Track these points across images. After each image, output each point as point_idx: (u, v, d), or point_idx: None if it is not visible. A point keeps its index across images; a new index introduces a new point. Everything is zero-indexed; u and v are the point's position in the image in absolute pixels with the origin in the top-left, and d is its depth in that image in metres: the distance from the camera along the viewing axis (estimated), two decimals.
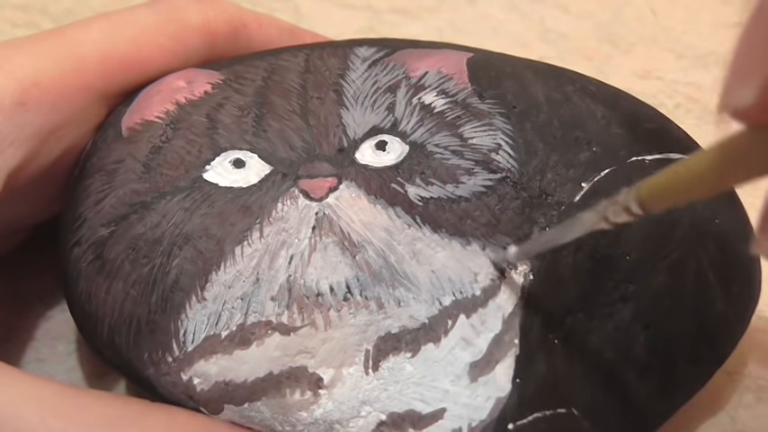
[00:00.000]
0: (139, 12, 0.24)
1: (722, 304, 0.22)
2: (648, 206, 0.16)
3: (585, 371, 0.21)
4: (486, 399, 0.21)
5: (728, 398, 0.25)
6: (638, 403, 0.21)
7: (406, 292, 0.21)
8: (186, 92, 0.23)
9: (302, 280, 0.20)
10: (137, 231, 0.21)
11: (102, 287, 0.21)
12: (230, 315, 0.20)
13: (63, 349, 0.26)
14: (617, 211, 0.17)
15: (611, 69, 0.32)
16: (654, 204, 0.16)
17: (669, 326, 0.21)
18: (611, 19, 0.34)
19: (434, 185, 0.21)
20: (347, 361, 0.21)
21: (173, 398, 0.21)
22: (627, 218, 0.17)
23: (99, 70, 0.23)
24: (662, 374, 0.21)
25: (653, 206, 0.16)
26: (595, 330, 0.21)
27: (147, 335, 0.20)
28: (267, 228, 0.21)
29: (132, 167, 0.22)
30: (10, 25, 0.34)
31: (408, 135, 0.22)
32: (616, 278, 0.21)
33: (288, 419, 0.20)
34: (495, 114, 0.23)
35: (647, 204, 0.16)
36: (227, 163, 0.22)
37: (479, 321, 0.21)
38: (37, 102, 0.22)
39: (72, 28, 0.23)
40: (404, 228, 0.21)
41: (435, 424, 0.20)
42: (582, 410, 0.21)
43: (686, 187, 0.15)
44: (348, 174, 0.21)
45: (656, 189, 0.16)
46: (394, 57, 0.24)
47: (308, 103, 0.23)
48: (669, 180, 0.15)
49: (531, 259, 0.21)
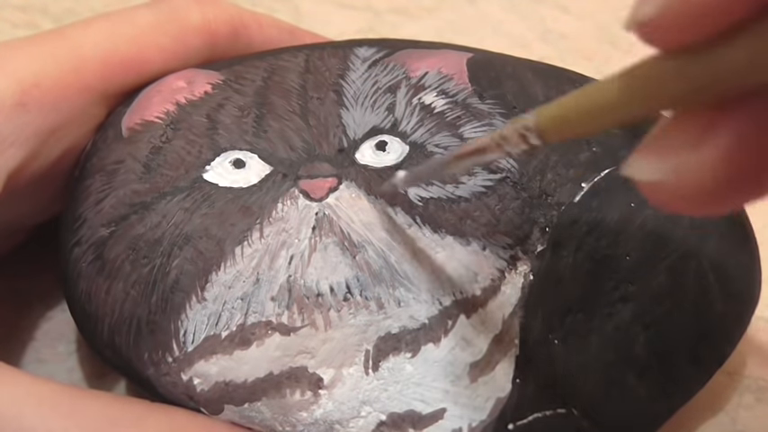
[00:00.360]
0: (140, 12, 0.24)
1: (722, 304, 0.22)
2: (547, 135, 0.15)
3: (585, 371, 0.21)
4: (486, 399, 0.21)
5: (728, 398, 0.25)
6: (638, 403, 0.21)
7: (406, 293, 0.21)
8: (186, 92, 0.23)
9: (302, 280, 0.20)
10: (137, 232, 0.21)
11: (102, 287, 0.21)
12: (230, 315, 0.20)
13: (63, 349, 0.26)
14: (513, 139, 0.15)
15: (611, 69, 0.32)
16: (553, 134, 0.14)
17: (669, 326, 0.21)
18: (611, 19, 0.34)
19: (434, 186, 0.21)
20: (347, 361, 0.21)
21: (173, 398, 0.21)
22: (523, 147, 0.15)
23: (99, 71, 0.23)
24: (662, 374, 0.21)
25: (552, 135, 0.15)
26: (595, 330, 0.21)
27: (147, 335, 0.20)
28: (267, 228, 0.21)
29: (132, 168, 0.22)
30: (10, 25, 0.34)
31: (408, 135, 0.22)
32: (616, 278, 0.21)
33: (288, 420, 0.20)
34: (495, 115, 0.23)
35: (545, 134, 0.15)
36: (228, 163, 0.22)
37: (479, 321, 0.21)
38: (37, 102, 0.22)
39: (72, 28, 0.23)
40: (404, 228, 0.21)
41: (435, 424, 0.20)
42: (582, 410, 0.21)
43: (590, 116, 0.14)
44: (348, 174, 0.21)
45: (558, 116, 0.14)
46: (394, 57, 0.24)
47: (308, 104, 0.23)
48: (572, 107, 0.14)
49: (532, 259, 0.21)
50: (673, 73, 0.12)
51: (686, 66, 0.12)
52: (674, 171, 0.12)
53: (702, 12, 0.11)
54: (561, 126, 0.14)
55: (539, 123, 0.15)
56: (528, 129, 0.15)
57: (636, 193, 0.22)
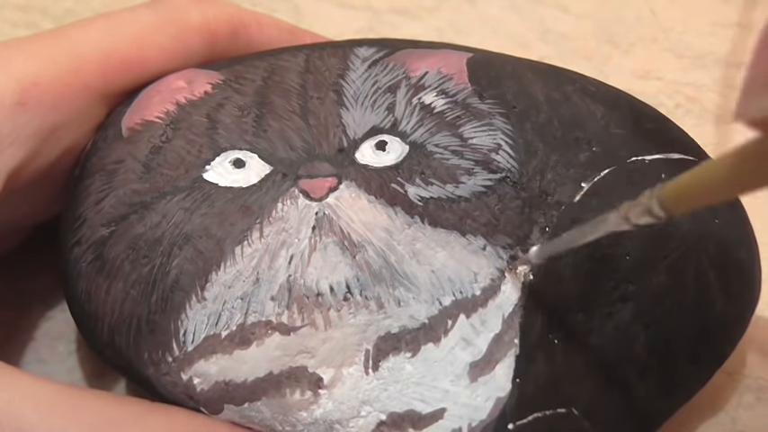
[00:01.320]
0: (139, 12, 0.24)
1: (722, 304, 0.22)
2: (670, 208, 0.16)
3: (585, 371, 0.21)
4: (486, 399, 0.21)
5: (728, 398, 0.25)
6: (638, 403, 0.21)
7: (405, 292, 0.21)
8: (186, 92, 0.23)
9: (302, 280, 0.20)
10: (137, 231, 0.21)
11: (102, 287, 0.21)
12: (230, 315, 0.20)
13: (63, 349, 0.26)
14: (639, 212, 0.17)
15: (611, 69, 0.32)
16: (676, 207, 0.16)
17: (669, 326, 0.21)
18: (611, 19, 0.34)
19: (434, 185, 0.21)
20: (347, 361, 0.21)
21: (173, 398, 0.21)
22: (649, 220, 0.17)
23: (99, 70, 0.23)
24: (662, 374, 0.21)
25: (675, 209, 0.16)
26: (595, 330, 0.21)
27: (147, 335, 0.20)
28: (267, 228, 0.21)
29: (132, 167, 0.22)
30: (10, 25, 0.34)
31: (408, 135, 0.22)
32: (616, 278, 0.21)
33: (288, 419, 0.20)
34: (494, 114, 0.23)
35: (669, 207, 0.16)
36: (228, 163, 0.22)
37: (479, 321, 0.21)
38: (37, 102, 0.22)
39: (72, 28, 0.23)
40: (404, 228, 0.21)
41: (435, 424, 0.20)
42: (582, 410, 0.21)
43: (708, 191, 0.15)
44: (348, 174, 0.21)
45: (679, 192, 0.16)
46: (394, 57, 0.24)
47: (307, 103, 0.23)
48: (692, 183, 0.15)
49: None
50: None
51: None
52: None
53: None
54: (683, 200, 0.16)
55: (663, 199, 0.16)
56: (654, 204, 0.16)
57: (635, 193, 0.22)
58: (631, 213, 0.17)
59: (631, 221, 0.17)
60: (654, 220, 0.17)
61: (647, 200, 0.17)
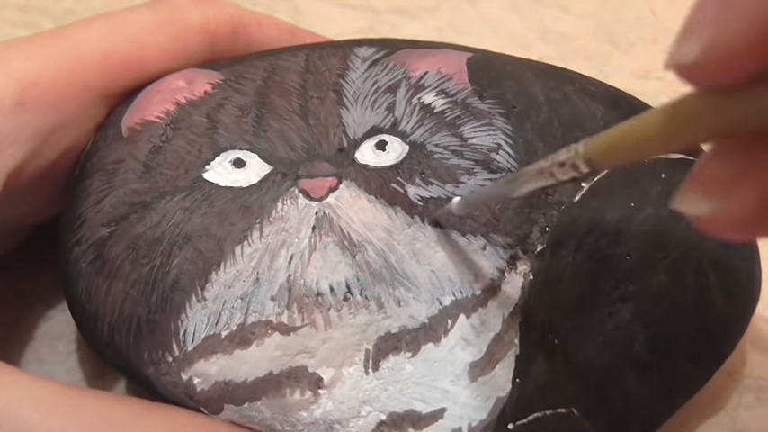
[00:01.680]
0: (139, 12, 0.24)
1: (722, 304, 0.22)
2: (596, 163, 0.16)
3: (586, 371, 0.21)
4: (486, 398, 0.21)
5: (728, 398, 0.25)
6: (638, 403, 0.21)
7: (405, 292, 0.21)
8: (186, 92, 0.23)
9: (302, 280, 0.20)
10: (137, 231, 0.21)
11: (102, 287, 0.21)
12: (230, 315, 0.20)
13: (63, 349, 0.26)
14: (563, 166, 0.16)
15: (611, 69, 0.32)
16: (602, 162, 0.15)
17: (669, 326, 0.21)
18: (611, 19, 0.34)
19: (434, 185, 0.21)
20: (347, 361, 0.21)
21: (173, 398, 0.21)
22: (573, 174, 0.16)
23: (99, 70, 0.23)
24: (662, 374, 0.21)
25: (601, 164, 0.16)
26: (595, 330, 0.21)
27: (147, 335, 0.20)
28: (267, 227, 0.21)
29: (132, 167, 0.22)
30: (10, 25, 0.34)
31: (408, 135, 0.22)
32: (616, 278, 0.21)
33: (288, 419, 0.20)
34: (494, 114, 0.23)
35: (594, 161, 0.15)
36: (227, 163, 0.22)
37: (479, 321, 0.21)
38: (37, 102, 0.22)
39: (72, 28, 0.23)
40: (404, 227, 0.21)
41: (435, 424, 0.20)
42: (582, 410, 0.21)
43: (635, 147, 0.14)
44: (348, 174, 0.21)
45: (605, 146, 0.15)
46: (394, 57, 0.24)
47: (307, 103, 0.23)
48: (618, 138, 0.15)
49: (531, 259, 0.21)
50: (711, 109, 0.12)
51: (724, 103, 0.12)
52: (722, 204, 0.13)
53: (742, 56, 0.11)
54: (609, 155, 0.15)
55: (588, 154, 0.15)
56: (578, 158, 0.16)
57: (636, 193, 0.22)
58: (555, 168, 0.17)
59: (555, 176, 0.17)
60: (577, 174, 0.16)
61: (571, 153, 0.16)
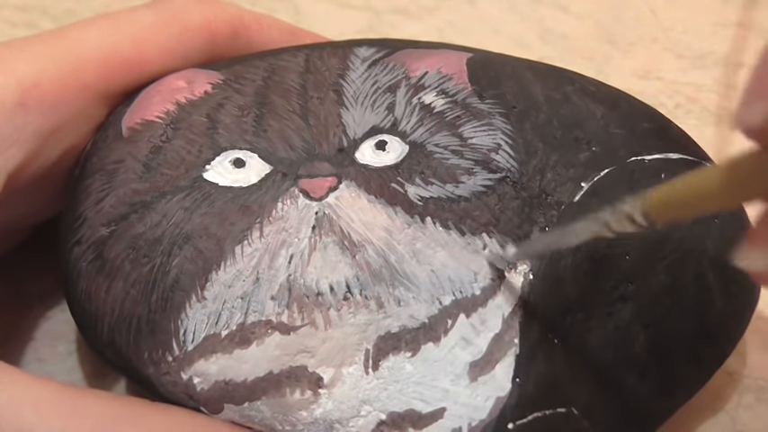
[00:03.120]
0: (140, 12, 0.24)
1: (722, 304, 0.22)
2: (653, 218, 0.16)
3: (585, 371, 0.21)
4: (486, 398, 0.21)
5: (728, 398, 0.25)
6: (638, 403, 0.21)
7: (405, 292, 0.21)
8: (186, 92, 0.23)
9: (302, 279, 0.20)
10: (137, 231, 0.21)
11: (102, 287, 0.21)
12: (230, 314, 0.20)
13: (63, 349, 0.26)
14: (620, 219, 0.17)
15: (610, 69, 0.32)
16: (659, 216, 0.16)
17: (669, 326, 0.21)
18: (611, 19, 0.34)
19: (434, 185, 0.21)
20: (347, 360, 0.21)
21: (173, 397, 0.21)
22: (630, 228, 0.16)
23: (99, 71, 0.23)
24: (662, 374, 0.21)
25: (658, 218, 0.16)
26: (595, 330, 0.21)
27: (148, 334, 0.20)
28: (267, 227, 0.21)
29: (132, 167, 0.22)
30: (10, 26, 0.34)
31: (408, 135, 0.22)
32: (616, 278, 0.21)
33: (288, 419, 0.20)
34: (494, 114, 0.23)
35: (652, 216, 0.16)
36: (228, 162, 0.22)
37: (479, 321, 0.21)
38: (37, 102, 0.22)
39: (72, 28, 0.23)
40: (403, 227, 0.21)
41: (435, 423, 0.20)
42: (582, 410, 0.21)
43: (693, 202, 0.15)
44: (348, 173, 0.21)
45: (663, 201, 0.15)
46: (394, 57, 0.24)
47: (307, 103, 0.23)
48: (676, 193, 0.15)
49: (531, 259, 0.21)
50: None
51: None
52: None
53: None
54: (667, 210, 0.15)
55: (646, 208, 0.16)
56: (637, 212, 0.16)
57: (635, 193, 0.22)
58: (612, 220, 0.17)
59: (612, 228, 0.17)
60: (635, 228, 0.16)
61: (629, 207, 0.16)
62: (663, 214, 0.16)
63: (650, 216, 0.16)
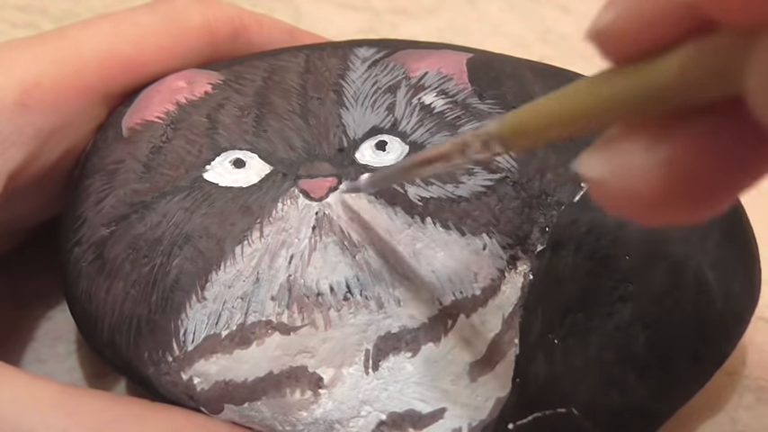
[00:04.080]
0: (140, 13, 0.24)
1: (722, 304, 0.22)
2: (510, 144, 0.15)
3: (585, 371, 0.21)
4: (486, 398, 0.21)
5: (728, 398, 0.25)
6: (638, 403, 0.21)
7: (405, 292, 0.21)
8: (186, 92, 0.23)
9: (302, 279, 0.20)
10: (137, 231, 0.21)
11: (102, 287, 0.21)
12: (230, 315, 0.20)
13: (63, 349, 0.26)
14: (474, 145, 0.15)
15: None
16: (516, 142, 0.15)
17: (669, 326, 0.21)
18: None
19: (434, 185, 0.21)
20: (347, 361, 0.21)
21: (173, 397, 0.21)
22: (485, 154, 0.15)
23: (99, 71, 0.23)
24: (662, 374, 0.21)
25: (515, 144, 0.15)
26: (595, 330, 0.21)
27: (148, 334, 0.20)
28: (267, 227, 0.21)
29: (132, 167, 0.22)
30: (10, 26, 0.34)
31: (408, 135, 0.22)
32: (616, 278, 0.21)
33: (288, 419, 0.20)
34: (494, 114, 0.23)
35: (508, 142, 0.15)
36: (228, 163, 0.22)
37: (479, 321, 0.21)
38: (38, 103, 0.22)
39: (73, 29, 0.23)
40: (404, 228, 0.21)
41: (435, 423, 0.20)
42: (582, 410, 0.21)
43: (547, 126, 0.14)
44: (348, 174, 0.21)
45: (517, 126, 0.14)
46: (394, 57, 0.24)
47: (308, 104, 0.23)
48: (530, 117, 0.14)
49: (531, 259, 0.21)
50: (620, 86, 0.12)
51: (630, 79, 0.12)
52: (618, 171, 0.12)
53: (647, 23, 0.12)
54: (522, 135, 0.15)
55: (501, 132, 0.15)
56: (491, 137, 0.15)
57: None
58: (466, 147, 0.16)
59: (467, 155, 0.16)
60: (490, 155, 0.15)
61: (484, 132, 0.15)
62: (518, 139, 0.15)
63: (507, 142, 0.15)
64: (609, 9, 0.12)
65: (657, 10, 0.11)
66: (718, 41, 0.11)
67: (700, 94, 0.11)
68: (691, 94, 0.11)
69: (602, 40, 0.12)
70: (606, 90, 0.12)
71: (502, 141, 0.15)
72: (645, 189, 0.12)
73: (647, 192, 0.12)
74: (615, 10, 0.12)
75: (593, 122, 0.13)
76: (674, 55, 0.11)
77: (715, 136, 0.12)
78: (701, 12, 0.11)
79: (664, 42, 0.11)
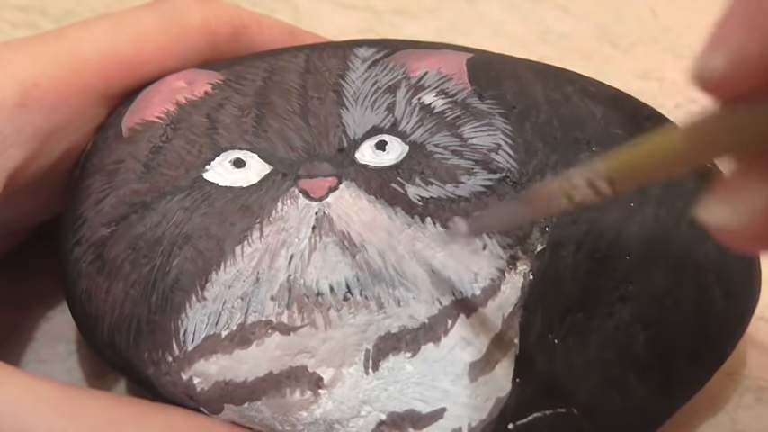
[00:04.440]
0: (140, 13, 0.24)
1: (722, 304, 0.22)
2: (617, 184, 0.15)
3: (585, 371, 0.21)
4: (486, 398, 0.21)
5: (728, 398, 0.25)
6: (638, 403, 0.21)
7: (405, 292, 0.21)
8: (186, 92, 0.23)
9: (302, 279, 0.20)
10: (137, 231, 0.21)
11: (102, 287, 0.21)
12: (230, 315, 0.20)
13: (63, 349, 0.26)
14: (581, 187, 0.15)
15: (610, 70, 0.32)
16: (622, 182, 0.15)
17: (669, 326, 0.21)
18: (611, 19, 0.34)
19: (434, 185, 0.21)
20: (347, 360, 0.21)
21: (173, 398, 0.21)
22: (592, 197, 0.15)
23: (99, 71, 0.23)
24: (662, 374, 0.21)
25: (621, 184, 0.15)
26: (595, 330, 0.21)
27: (147, 335, 0.20)
28: (267, 227, 0.21)
29: (132, 167, 0.22)
30: (10, 26, 0.34)
31: (408, 135, 0.22)
32: (616, 278, 0.21)
33: (288, 419, 0.20)
34: (494, 114, 0.23)
35: (615, 182, 0.15)
36: (228, 163, 0.22)
37: (479, 321, 0.21)
38: (38, 103, 0.22)
39: (73, 29, 0.23)
40: (404, 228, 0.21)
41: (435, 424, 0.20)
42: (582, 410, 0.21)
43: (655, 166, 0.14)
44: (348, 174, 0.21)
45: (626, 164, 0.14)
46: (394, 57, 0.24)
47: (308, 104, 0.23)
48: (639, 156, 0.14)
49: (531, 259, 0.21)
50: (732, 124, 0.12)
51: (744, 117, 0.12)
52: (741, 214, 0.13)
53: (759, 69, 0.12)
54: (629, 174, 0.15)
55: (608, 172, 0.15)
56: (598, 177, 0.15)
57: (635, 193, 0.22)
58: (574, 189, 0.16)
59: (573, 199, 0.16)
60: (597, 198, 0.15)
61: (590, 174, 0.15)
62: (626, 179, 0.15)
63: (613, 182, 0.15)
64: (715, 52, 0.12)
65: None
66: None
67: None
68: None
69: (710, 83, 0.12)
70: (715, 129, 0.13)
71: (609, 181, 0.15)
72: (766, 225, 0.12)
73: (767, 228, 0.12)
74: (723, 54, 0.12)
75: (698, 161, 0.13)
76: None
77: None
78: None
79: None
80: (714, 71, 0.12)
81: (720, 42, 0.12)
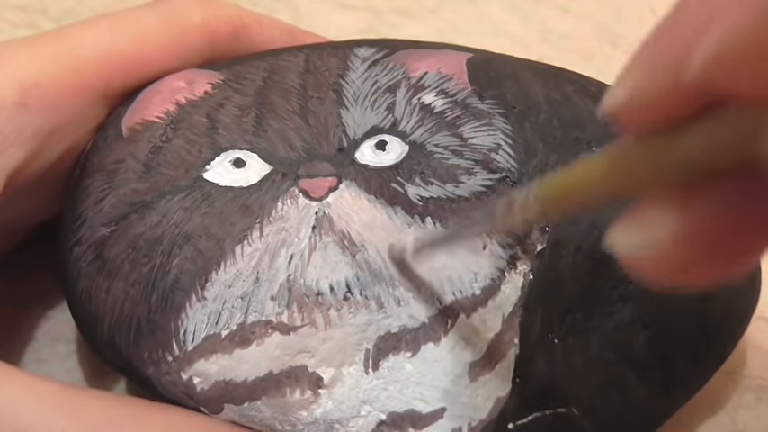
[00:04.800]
0: (140, 12, 0.24)
1: (722, 304, 0.22)
2: (549, 210, 0.15)
3: (585, 371, 0.21)
4: (486, 398, 0.21)
5: (728, 398, 0.25)
6: (638, 403, 0.21)
7: (405, 292, 0.21)
8: (186, 92, 0.23)
9: (302, 279, 0.20)
10: (137, 231, 0.21)
11: (102, 287, 0.21)
12: (230, 314, 0.20)
13: (63, 349, 0.26)
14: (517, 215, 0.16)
15: (611, 70, 0.32)
16: (552, 207, 0.15)
17: (669, 325, 0.21)
18: (612, 19, 0.34)
19: (434, 185, 0.21)
20: (347, 360, 0.21)
21: (173, 397, 0.21)
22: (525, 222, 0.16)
23: (99, 71, 0.23)
24: (662, 374, 0.21)
25: (553, 210, 0.15)
26: (595, 330, 0.21)
27: (147, 334, 0.20)
28: (267, 227, 0.21)
29: (132, 167, 0.22)
30: (10, 26, 0.34)
31: (408, 135, 0.22)
32: (616, 278, 0.21)
33: (288, 419, 0.20)
34: (494, 114, 0.23)
35: (548, 208, 0.15)
36: (228, 163, 0.22)
37: (479, 321, 0.21)
38: (38, 102, 0.22)
39: (73, 29, 0.23)
40: (403, 227, 0.21)
41: (435, 423, 0.20)
42: (582, 410, 0.21)
43: (579, 193, 0.14)
44: (348, 173, 0.21)
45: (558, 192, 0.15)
46: (394, 57, 0.24)
47: (307, 103, 0.23)
48: (565, 184, 0.14)
49: (531, 259, 0.21)
50: (641, 157, 0.12)
51: (651, 150, 0.12)
52: (648, 243, 0.13)
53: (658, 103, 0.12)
54: (561, 202, 0.15)
55: (539, 195, 0.15)
56: (531, 200, 0.15)
57: None
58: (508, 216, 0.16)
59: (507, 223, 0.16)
60: (526, 221, 0.15)
61: (523, 200, 0.15)
62: (555, 204, 0.15)
63: (547, 209, 0.15)
64: (621, 87, 0.12)
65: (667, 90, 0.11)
66: (733, 114, 0.11)
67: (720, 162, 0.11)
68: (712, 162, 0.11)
69: (617, 116, 0.12)
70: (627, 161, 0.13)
71: (543, 209, 0.15)
72: (673, 257, 0.12)
73: (674, 259, 0.12)
74: (627, 89, 0.12)
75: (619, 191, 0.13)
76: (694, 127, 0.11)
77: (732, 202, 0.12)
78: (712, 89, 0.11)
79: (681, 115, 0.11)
80: (618, 101, 0.12)
81: (627, 74, 0.12)
